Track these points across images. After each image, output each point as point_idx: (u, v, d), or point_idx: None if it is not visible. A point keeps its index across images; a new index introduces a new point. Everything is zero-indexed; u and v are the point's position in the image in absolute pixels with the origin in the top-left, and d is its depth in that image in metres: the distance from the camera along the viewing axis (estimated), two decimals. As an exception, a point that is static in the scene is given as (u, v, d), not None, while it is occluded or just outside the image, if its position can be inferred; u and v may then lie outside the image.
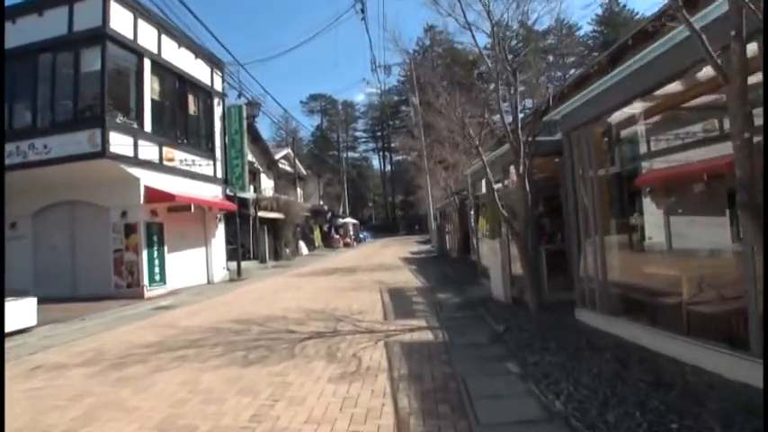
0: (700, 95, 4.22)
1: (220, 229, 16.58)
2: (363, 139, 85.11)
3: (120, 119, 11.98)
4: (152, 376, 4.86)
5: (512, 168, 8.83)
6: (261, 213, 22.06)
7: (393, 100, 72.39)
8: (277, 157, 30.29)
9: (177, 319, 8.48)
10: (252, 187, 21.57)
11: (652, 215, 5.56)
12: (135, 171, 12.07)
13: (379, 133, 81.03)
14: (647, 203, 5.64)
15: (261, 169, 26.42)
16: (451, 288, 10.49)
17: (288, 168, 32.44)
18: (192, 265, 14.75)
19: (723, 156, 4.02)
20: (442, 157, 19.24)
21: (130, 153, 11.98)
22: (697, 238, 4.89)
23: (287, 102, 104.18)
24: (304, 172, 37.85)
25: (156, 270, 12.61)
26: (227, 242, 17.19)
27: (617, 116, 5.20)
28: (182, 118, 14.64)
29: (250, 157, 22.21)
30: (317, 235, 36.06)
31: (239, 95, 17.96)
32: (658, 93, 4.34)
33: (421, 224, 53.72)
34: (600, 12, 56.90)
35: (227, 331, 6.99)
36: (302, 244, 30.16)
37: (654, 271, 5.12)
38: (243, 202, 18.55)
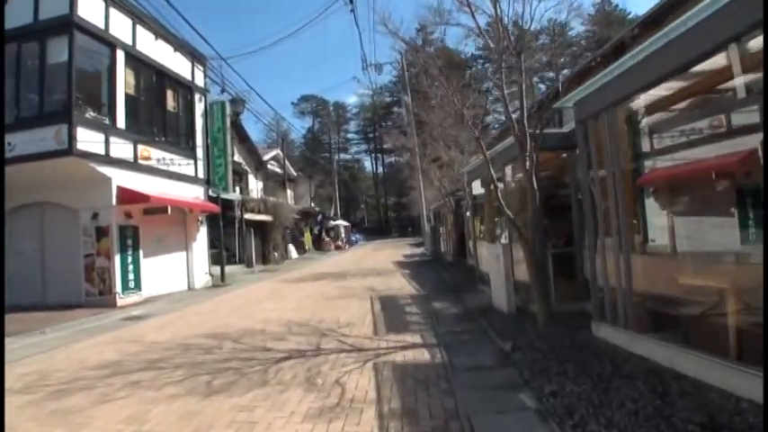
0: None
1: (202, 233, 15.66)
2: (355, 141, 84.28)
3: (89, 114, 11.11)
4: (93, 409, 4.06)
5: (506, 169, 8.14)
6: (247, 215, 21.16)
7: (384, 101, 71.65)
8: (266, 158, 29.40)
9: (145, 333, 7.64)
10: (238, 188, 20.70)
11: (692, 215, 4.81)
12: (106, 170, 11.19)
13: (371, 135, 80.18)
14: (691, 201, 4.86)
15: (248, 170, 25.53)
16: (448, 296, 9.72)
17: (278, 170, 31.53)
18: (171, 271, 13.84)
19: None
20: (437, 154, 18.41)
21: (101, 151, 11.10)
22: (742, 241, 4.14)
23: (278, 104, 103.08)
24: (294, 173, 36.95)
25: (131, 276, 11.72)
26: (211, 246, 16.28)
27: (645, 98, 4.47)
28: (159, 114, 13.74)
29: (237, 158, 21.37)
30: (307, 238, 35.13)
31: (222, 91, 17.04)
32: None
33: (414, 226, 52.95)
34: (592, 11, 56.74)
35: (196, 348, 6.17)
36: (291, 247, 29.28)
37: (694, 281, 4.33)
38: (228, 204, 17.63)
